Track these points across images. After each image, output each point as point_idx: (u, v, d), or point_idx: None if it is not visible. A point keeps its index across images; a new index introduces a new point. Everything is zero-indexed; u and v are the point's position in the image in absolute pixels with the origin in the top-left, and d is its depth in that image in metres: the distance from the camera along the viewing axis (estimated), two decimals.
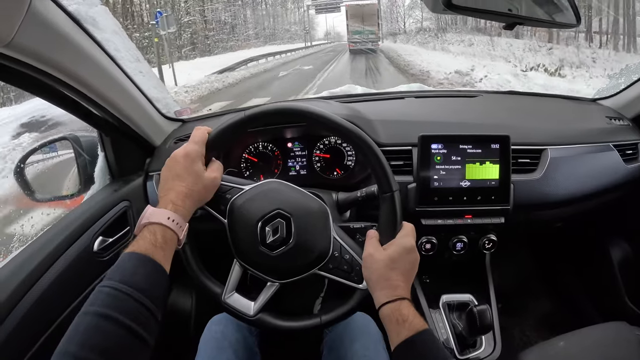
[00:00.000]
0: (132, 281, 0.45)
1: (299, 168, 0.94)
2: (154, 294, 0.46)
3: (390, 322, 0.53)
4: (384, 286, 0.55)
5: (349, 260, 0.61)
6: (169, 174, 0.58)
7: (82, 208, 0.82)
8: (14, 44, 0.55)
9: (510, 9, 0.73)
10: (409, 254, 0.57)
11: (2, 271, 0.65)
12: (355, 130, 0.60)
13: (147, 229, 0.51)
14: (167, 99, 0.97)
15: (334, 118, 0.61)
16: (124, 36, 0.83)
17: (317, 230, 0.62)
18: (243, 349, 0.77)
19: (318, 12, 34.34)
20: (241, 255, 0.62)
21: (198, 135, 0.60)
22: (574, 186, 0.86)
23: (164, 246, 0.50)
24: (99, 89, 0.74)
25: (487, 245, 0.87)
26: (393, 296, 0.54)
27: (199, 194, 0.58)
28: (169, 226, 0.52)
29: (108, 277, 0.46)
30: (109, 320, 0.42)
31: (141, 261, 0.48)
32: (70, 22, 0.66)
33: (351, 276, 0.61)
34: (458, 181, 0.82)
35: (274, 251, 0.60)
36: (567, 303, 1.12)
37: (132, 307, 0.44)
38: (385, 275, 0.55)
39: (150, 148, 0.94)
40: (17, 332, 0.60)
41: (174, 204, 0.54)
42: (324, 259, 0.61)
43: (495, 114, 0.94)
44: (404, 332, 0.51)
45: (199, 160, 0.59)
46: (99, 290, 0.44)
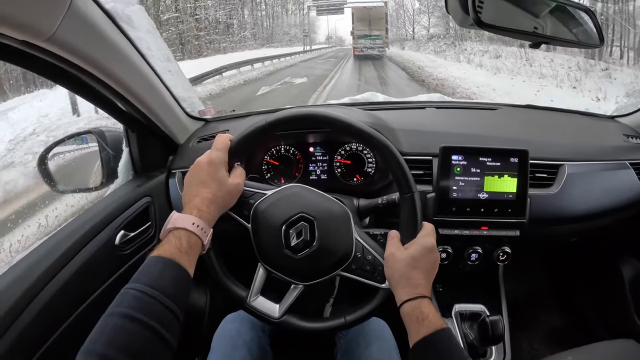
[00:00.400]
0: (158, 284, 0.46)
1: (319, 172, 0.96)
2: (178, 298, 0.47)
3: (411, 319, 0.54)
4: (405, 284, 0.57)
5: (371, 261, 0.63)
6: (193, 180, 0.59)
7: (106, 202, 0.83)
8: (55, 38, 0.56)
9: (536, 28, 0.75)
10: (430, 253, 0.59)
11: (26, 261, 0.66)
12: (374, 134, 0.62)
13: (172, 234, 0.53)
14: (192, 98, 0.99)
15: (355, 122, 0.62)
16: (157, 35, 0.85)
17: (340, 233, 0.63)
18: (257, 348, 0.78)
19: (319, 14, 32.38)
20: (266, 258, 0.64)
21: (221, 142, 0.62)
22: (589, 203, 0.87)
23: (189, 251, 0.52)
24: (130, 85, 0.76)
25: (501, 257, 0.88)
26: (414, 294, 0.55)
27: (223, 200, 0.59)
28: (194, 231, 0.53)
29: (134, 280, 0.47)
30: (135, 322, 0.43)
31: (167, 265, 0.49)
32: (107, 20, 0.68)
33: (374, 276, 0.62)
34: (476, 193, 0.84)
35: (298, 254, 0.61)
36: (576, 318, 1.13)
37: (157, 310, 0.45)
38: (407, 274, 0.57)
39: (173, 146, 0.96)
40: (38, 321, 0.61)
41: (198, 210, 0.55)
42: (347, 261, 0.62)
43: (514, 128, 0.96)
44: (423, 330, 0.52)
45: (223, 166, 0.60)
46: (125, 293, 0.46)
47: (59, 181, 0.94)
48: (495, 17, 0.67)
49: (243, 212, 0.64)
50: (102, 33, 0.67)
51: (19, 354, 0.58)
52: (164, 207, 0.91)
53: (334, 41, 55.76)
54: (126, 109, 0.81)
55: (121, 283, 0.79)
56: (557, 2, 0.73)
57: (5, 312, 0.57)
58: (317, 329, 0.63)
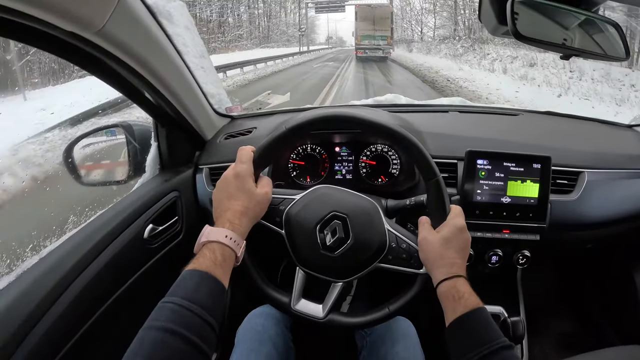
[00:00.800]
0: (196, 298, 0.47)
1: (345, 172, 0.97)
2: (215, 311, 0.48)
3: (447, 298, 0.55)
4: (440, 265, 0.58)
5: (406, 249, 0.64)
6: (222, 195, 0.60)
7: (135, 195, 0.84)
8: (103, 31, 0.58)
9: (565, 40, 0.77)
10: (461, 233, 0.60)
11: (57, 252, 0.67)
12: (391, 126, 0.64)
13: (206, 247, 0.53)
14: (221, 95, 1.00)
15: (372, 118, 0.64)
16: (195, 32, 0.86)
17: (373, 226, 0.65)
18: (282, 343, 0.79)
19: (318, 11, 30.59)
20: (304, 261, 0.65)
21: (244, 154, 0.63)
22: (607, 210, 0.90)
23: (223, 264, 0.52)
24: (165, 80, 0.77)
25: (520, 261, 0.90)
26: (449, 274, 0.57)
27: (254, 211, 0.60)
28: (227, 244, 0.54)
29: (170, 294, 0.48)
30: (174, 336, 0.43)
31: (203, 278, 0.50)
32: (149, 15, 0.70)
33: (411, 263, 0.64)
34: (499, 197, 0.85)
35: (335, 252, 0.63)
36: (587, 324, 1.15)
37: (196, 324, 0.45)
38: (441, 254, 0.59)
39: (201, 142, 0.97)
40: (70, 312, 0.62)
41: (231, 223, 0.56)
42: (382, 252, 0.64)
43: (535, 134, 0.98)
44: (459, 308, 0.53)
45: (250, 178, 0.61)
46: (163, 306, 0.46)
47: (84, 174, 0.95)
48: (528, 29, 0.69)
49: (275, 219, 0.65)
50: (146, 28, 0.68)
51: (51, 344, 0.58)
52: (190, 202, 0.92)
53: (334, 42, 53.24)
54: (159, 103, 0.82)
55: (149, 276, 0.81)
56: (586, 15, 0.75)
57: (38, 303, 0.58)
58: (364, 322, 0.64)
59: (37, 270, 0.63)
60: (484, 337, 0.51)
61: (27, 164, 2.05)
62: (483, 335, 0.51)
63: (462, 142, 0.89)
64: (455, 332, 0.53)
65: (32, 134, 2.40)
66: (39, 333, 0.56)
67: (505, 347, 0.50)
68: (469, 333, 0.52)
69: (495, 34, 0.77)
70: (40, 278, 0.61)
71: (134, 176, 0.93)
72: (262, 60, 14.90)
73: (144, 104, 0.82)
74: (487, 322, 0.53)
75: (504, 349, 0.49)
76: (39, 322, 0.57)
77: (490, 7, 0.73)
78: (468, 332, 0.52)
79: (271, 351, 0.76)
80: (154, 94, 0.79)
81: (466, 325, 0.53)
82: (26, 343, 0.54)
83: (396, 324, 0.79)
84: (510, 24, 0.64)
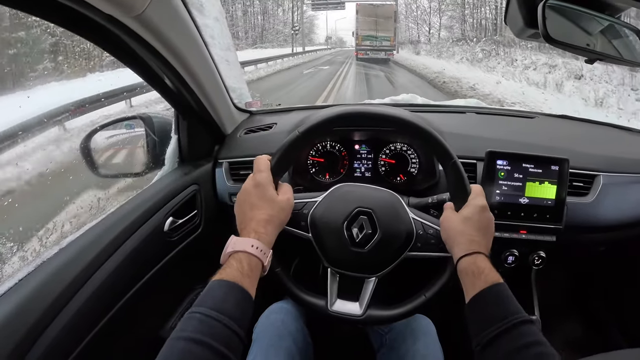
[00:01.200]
0: (223, 308, 0.47)
1: (364, 170, 0.97)
2: (242, 321, 0.48)
3: (467, 274, 0.56)
4: (460, 242, 0.59)
5: (433, 234, 0.65)
6: (245, 206, 0.60)
7: (155, 188, 0.83)
8: (142, 17, 0.58)
9: (588, 44, 0.79)
10: (483, 212, 0.61)
11: (77, 243, 0.66)
12: (403, 116, 0.65)
13: (233, 258, 0.53)
14: (242, 90, 1.00)
15: (380, 110, 0.65)
16: (224, 24, 0.86)
17: (398, 216, 0.66)
18: (302, 339, 0.79)
19: (315, 9, 28.57)
20: (334, 262, 0.65)
21: (261, 163, 0.63)
22: (622, 213, 0.91)
23: (250, 274, 0.53)
24: (193, 71, 0.77)
25: (536, 261, 0.91)
26: (469, 250, 0.57)
27: (278, 218, 0.60)
28: (254, 253, 0.54)
29: (198, 304, 0.48)
30: (202, 346, 0.43)
31: (230, 288, 0.50)
32: (182, 4, 0.69)
33: (440, 247, 0.64)
34: (517, 197, 0.86)
35: (365, 247, 0.63)
36: (596, 327, 1.16)
37: (223, 333, 0.46)
38: (461, 231, 0.59)
39: (221, 136, 0.96)
40: (90, 303, 0.61)
41: (256, 232, 0.57)
42: (411, 241, 0.64)
43: (551, 137, 0.99)
44: (479, 283, 0.54)
45: (270, 186, 0.61)
46: (191, 317, 0.46)
47: (101, 165, 0.94)
48: (555, 32, 0.71)
49: (300, 224, 0.66)
50: (180, 17, 0.68)
51: (70, 337, 0.58)
52: (209, 195, 0.92)
53: (333, 42, 50.39)
54: (183, 94, 0.82)
55: (169, 269, 0.80)
56: (610, 21, 0.77)
57: (58, 294, 0.57)
58: (403, 313, 0.65)
59: (57, 262, 0.62)
60: (503, 312, 0.51)
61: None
62: (502, 310, 0.51)
63: (481, 143, 0.90)
64: (475, 308, 0.54)
65: None
66: (59, 325, 0.56)
67: (525, 321, 0.50)
68: (489, 308, 0.52)
69: (521, 36, 0.78)
70: (60, 270, 0.61)
71: (152, 168, 0.92)
72: (245, 63, 11.80)
73: (168, 95, 0.81)
74: (507, 297, 0.53)
75: (523, 324, 0.49)
76: (59, 314, 0.57)
77: (517, 10, 0.74)
78: (487, 307, 0.53)
79: (291, 346, 0.75)
80: (180, 85, 0.79)
81: (486, 301, 0.53)
82: (46, 335, 0.54)
83: (416, 322, 0.80)
84: (542, 27, 0.66)
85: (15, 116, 1.87)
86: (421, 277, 0.70)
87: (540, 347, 0.48)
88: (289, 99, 7.92)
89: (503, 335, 0.49)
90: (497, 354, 0.49)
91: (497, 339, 0.49)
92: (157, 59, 0.69)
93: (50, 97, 2.96)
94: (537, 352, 0.47)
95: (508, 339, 0.49)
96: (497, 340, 0.49)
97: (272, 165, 0.63)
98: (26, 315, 0.53)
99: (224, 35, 0.84)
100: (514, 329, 0.49)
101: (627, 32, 0.80)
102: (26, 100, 2.39)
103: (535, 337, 0.49)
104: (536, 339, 0.48)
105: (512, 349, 0.48)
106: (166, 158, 0.91)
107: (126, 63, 0.70)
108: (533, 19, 0.70)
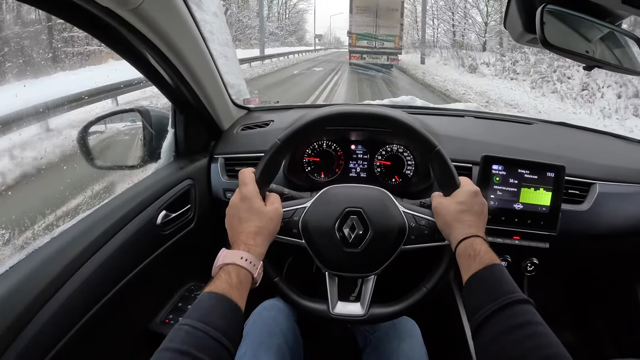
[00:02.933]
0: (210, 320, 0.48)
1: (359, 170, 0.97)
2: (229, 331, 0.49)
3: (463, 257, 0.56)
4: (457, 227, 0.59)
5: (426, 225, 0.65)
6: (233, 220, 0.61)
7: (150, 181, 0.83)
8: (139, 10, 0.58)
9: (587, 51, 0.79)
10: (476, 197, 0.61)
11: (69, 233, 0.66)
12: (383, 112, 0.64)
13: (222, 270, 0.54)
14: (240, 86, 1.00)
15: (360, 110, 0.65)
16: (222, 19, 0.86)
17: (388, 212, 0.66)
18: (292, 337, 0.79)
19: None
20: (330, 265, 0.65)
21: (246, 176, 0.63)
22: (617, 222, 0.90)
23: (239, 286, 0.53)
24: (190, 66, 0.78)
25: (529, 268, 0.90)
26: (466, 234, 0.57)
27: (267, 229, 0.61)
28: (243, 265, 0.55)
29: (187, 316, 0.49)
30: (186, 356, 0.44)
31: (218, 300, 0.51)
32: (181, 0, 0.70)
33: (435, 237, 0.64)
34: (512, 203, 0.86)
35: (359, 247, 0.63)
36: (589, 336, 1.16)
37: (209, 345, 0.46)
38: (457, 217, 0.60)
39: (217, 131, 0.97)
40: (80, 293, 0.61)
41: (245, 244, 0.57)
42: (404, 234, 0.64)
43: (549, 143, 0.99)
44: (474, 265, 0.54)
45: (256, 198, 0.61)
46: (179, 329, 0.47)
47: (97, 157, 0.94)
48: (554, 38, 0.70)
49: (292, 231, 0.66)
50: (178, 11, 0.68)
51: (58, 326, 0.58)
52: (203, 191, 0.92)
53: (328, 42, 39.68)
54: (180, 88, 0.82)
55: (160, 262, 0.80)
56: (610, 28, 0.77)
57: (47, 283, 0.57)
58: (405, 308, 0.65)
59: (47, 251, 0.62)
60: (497, 292, 0.50)
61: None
62: (497, 290, 0.51)
63: (478, 147, 0.89)
64: (470, 290, 0.54)
65: None
66: (46, 315, 0.56)
67: (519, 300, 0.49)
68: (483, 288, 0.52)
69: (520, 41, 0.78)
70: (50, 258, 0.61)
71: (148, 162, 0.93)
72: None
73: (165, 89, 0.82)
74: (501, 277, 0.53)
75: (517, 303, 0.49)
76: (46, 304, 0.56)
77: (517, 15, 0.74)
78: (482, 288, 0.52)
79: (281, 344, 0.76)
80: (177, 79, 0.79)
81: (480, 281, 0.53)
82: (32, 324, 0.54)
83: (401, 323, 0.80)
84: (539, 32, 0.65)
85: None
86: (420, 269, 0.70)
87: (534, 327, 0.46)
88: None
89: (495, 316, 0.48)
90: (490, 334, 0.48)
91: (490, 319, 0.49)
92: (155, 52, 0.69)
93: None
94: (530, 332, 0.46)
95: (500, 319, 0.48)
96: (489, 320, 0.49)
97: (256, 177, 0.63)
98: (12, 304, 0.53)
99: (223, 30, 0.85)
100: (507, 309, 0.48)
101: (628, 40, 0.80)
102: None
103: (528, 317, 0.48)
104: (529, 318, 0.48)
105: (505, 328, 0.47)
106: (162, 152, 0.91)
107: (123, 56, 0.70)
108: (532, 23, 0.69)
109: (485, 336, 0.49)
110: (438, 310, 1.01)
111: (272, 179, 0.65)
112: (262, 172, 0.63)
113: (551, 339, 0.46)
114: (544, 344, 0.45)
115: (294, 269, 1.01)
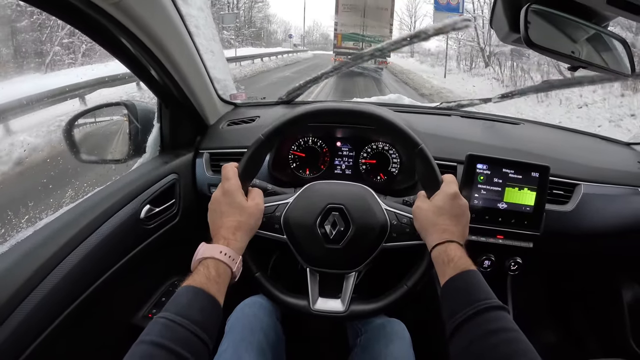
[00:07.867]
0: (187, 313, 0.48)
1: (344, 167, 0.97)
2: (206, 324, 0.49)
3: (438, 263, 0.56)
4: (432, 231, 0.59)
5: (408, 223, 0.65)
6: (215, 215, 0.61)
7: (134, 175, 0.83)
8: (122, 4, 0.57)
9: (573, 52, 0.79)
10: (454, 200, 0.61)
11: (51, 227, 0.66)
12: (366, 109, 0.65)
13: (201, 264, 0.55)
14: (227, 81, 0.99)
15: (342, 107, 0.65)
16: (208, 14, 0.86)
17: (370, 209, 0.66)
18: (273, 334, 0.79)
19: None
20: (312, 261, 0.66)
21: (229, 171, 0.63)
22: (600, 223, 0.91)
23: (218, 279, 0.54)
24: (175, 61, 0.77)
25: (512, 267, 0.91)
26: (441, 239, 0.58)
27: (247, 224, 0.61)
28: (222, 259, 0.55)
29: (165, 310, 0.49)
30: (161, 349, 0.45)
31: (195, 294, 0.51)
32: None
33: (416, 235, 0.64)
34: (496, 202, 0.86)
35: (340, 243, 0.63)
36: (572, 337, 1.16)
37: (185, 337, 0.47)
38: (433, 221, 0.60)
39: (203, 126, 0.96)
40: (62, 285, 0.61)
41: (225, 239, 0.58)
42: (386, 232, 0.64)
43: (535, 144, 0.99)
44: (448, 271, 0.54)
45: (239, 192, 0.62)
46: (156, 321, 0.48)
47: (82, 150, 0.93)
48: (539, 37, 0.70)
49: (274, 226, 0.66)
50: (162, 5, 0.68)
51: (39, 320, 0.58)
52: (188, 185, 0.92)
53: (312, 41, 31.03)
54: (166, 83, 0.82)
55: (143, 257, 0.80)
56: (596, 29, 0.76)
57: (29, 276, 0.57)
58: (386, 305, 0.65)
59: (29, 243, 0.62)
60: (471, 298, 0.51)
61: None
62: (470, 296, 0.51)
63: (463, 146, 0.89)
64: (445, 297, 0.54)
65: None
66: (27, 308, 0.56)
67: (493, 307, 0.49)
68: (457, 295, 0.52)
69: (506, 41, 0.78)
70: (32, 251, 0.61)
71: (133, 156, 0.92)
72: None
73: (151, 83, 0.81)
74: (475, 283, 0.53)
75: (491, 310, 0.49)
76: (28, 296, 0.56)
77: (503, 15, 0.74)
78: (457, 294, 0.53)
79: (262, 341, 0.76)
80: (162, 73, 0.78)
81: (455, 287, 0.53)
82: (13, 317, 0.54)
83: (390, 325, 0.80)
84: (523, 31, 0.65)
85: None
86: (401, 267, 0.70)
87: (508, 334, 0.47)
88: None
89: (468, 322, 0.49)
90: (463, 341, 0.48)
91: (463, 326, 0.49)
92: (140, 47, 0.69)
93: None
94: (503, 338, 0.46)
95: (473, 325, 0.48)
96: (462, 326, 0.49)
97: (239, 172, 0.63)
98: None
99: (209, 24, 0.84)
100: (480, 315, 0.49)
101: (614, 42, 0.80)
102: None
103: (502, 323, 0.48)
104: (503, 325, 0.48)
105: (478, 335, 0.47)
106: (147, 146, 0.91)
107: (108, 49, 0.70)
108: (517, 23, 0.69)
109: (460, 341, 0.49)
110: (427, 312, 1.01)
111: (255, 174, 0.65)
112: (244, 167, 0.63)
113: (525, 345, 0.46)
114: (518, 350, 0.45)
115: (280, 265, 1.01)
